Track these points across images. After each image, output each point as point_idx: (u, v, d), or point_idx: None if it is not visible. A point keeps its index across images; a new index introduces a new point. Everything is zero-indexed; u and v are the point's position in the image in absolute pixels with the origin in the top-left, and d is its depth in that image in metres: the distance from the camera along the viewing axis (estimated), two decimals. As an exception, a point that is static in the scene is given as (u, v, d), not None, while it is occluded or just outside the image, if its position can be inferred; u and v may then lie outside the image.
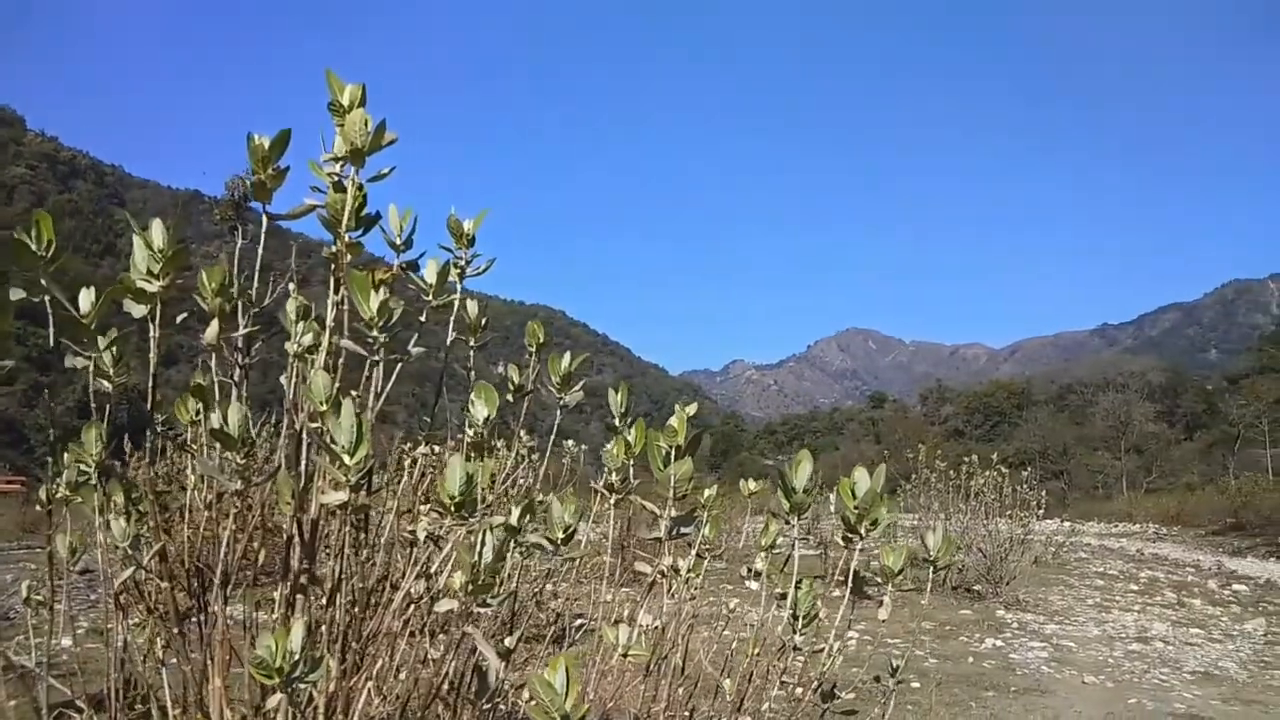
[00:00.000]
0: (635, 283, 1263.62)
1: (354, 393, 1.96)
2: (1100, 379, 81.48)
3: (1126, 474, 57.30)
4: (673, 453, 1.62)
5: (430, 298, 1.89)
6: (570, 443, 6.15)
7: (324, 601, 1.54)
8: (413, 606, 1.57)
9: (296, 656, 1.24)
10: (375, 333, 1.49)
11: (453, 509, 1.39)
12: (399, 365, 1.76)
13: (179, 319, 1.81)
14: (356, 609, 1.54)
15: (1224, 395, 65.60)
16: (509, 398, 2.28)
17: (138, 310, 1.56)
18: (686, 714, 2.31)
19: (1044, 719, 5.29)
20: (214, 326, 1.81)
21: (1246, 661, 7.89)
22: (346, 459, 1.28)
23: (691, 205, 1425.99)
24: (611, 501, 2.15)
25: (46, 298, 1.54)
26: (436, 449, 2.08)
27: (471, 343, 2.25)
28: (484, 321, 2.23)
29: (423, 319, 1.95)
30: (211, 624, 1.65)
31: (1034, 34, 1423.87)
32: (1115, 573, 16.42)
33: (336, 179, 1.54)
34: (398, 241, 1.93)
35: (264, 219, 1.87)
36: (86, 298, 1.62)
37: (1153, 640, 8.74)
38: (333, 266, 1.54)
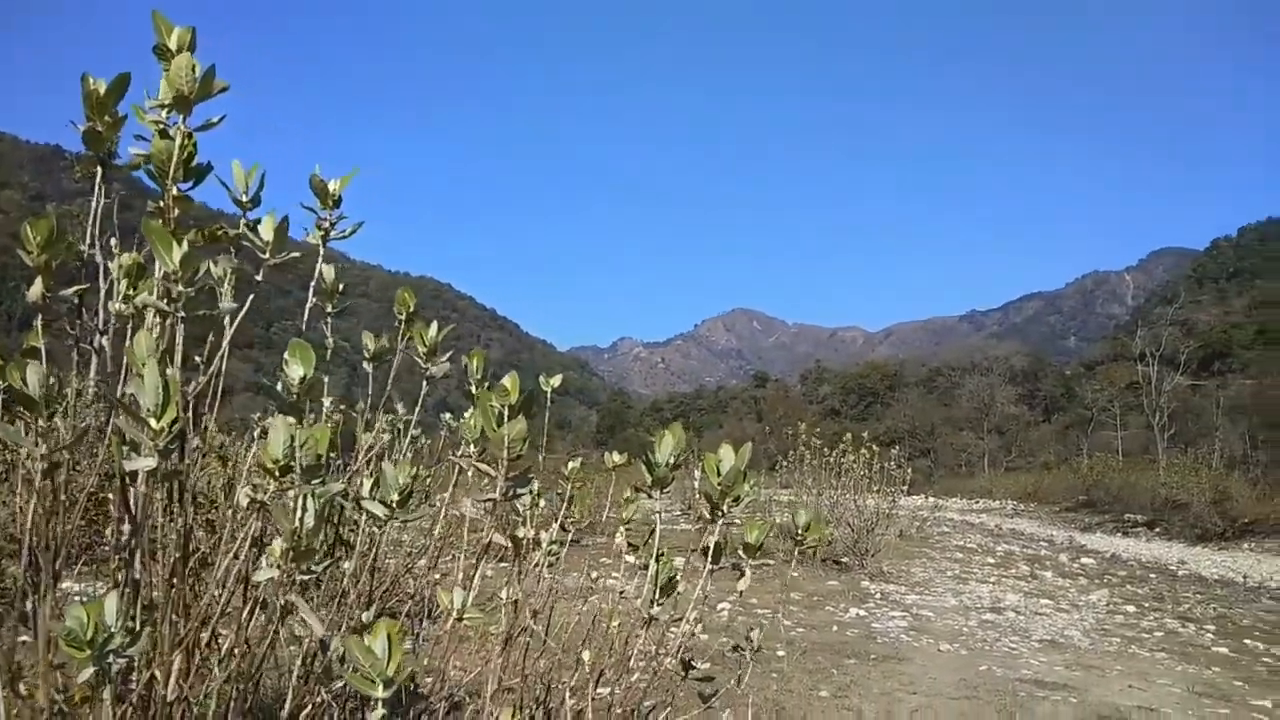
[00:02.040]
0: (525, 258, 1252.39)
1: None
2: (967, 362, 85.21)
3: (988, 453, 60.15)
4: (505, 412, 1.59)
5: (267, 255, 1.79)
6: (449, 415, 6.04)
7: (150, 574, 1.46)
8: (234, 577, 1.50)
9: (111, 629, 1.17)
10: (180, 288, 1.39)
11: (277, 473, 1.33)
12: (226, 329, 1.67)
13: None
14: (175, 580, 1.46)
15: (1081, 380, 69.64)
16: (367, 366, 2.21)
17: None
18: (544, 686, 2.30)
19: (900, 685, 5.52)
20: (38, 284, 1.68)
21: (1089, 630, 8.44)
22: (153, 422, 1.20)
23: (584, 182, 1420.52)
24: (470, 473, 2.11)
25: None
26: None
27: (329, 308, 2.16)
28: (341, 286, 2.14)
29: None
30: (40, 599, 1.54)
31: (913, 27, 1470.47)
32: (974, 546, 17.27)
33: (162, 127, 1.44)
34: (243, 198, 1.84)
35: (99, 170, 1.74)
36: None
37: (1005, 610, 9.24)
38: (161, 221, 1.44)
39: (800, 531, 2.30)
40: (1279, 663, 7.36)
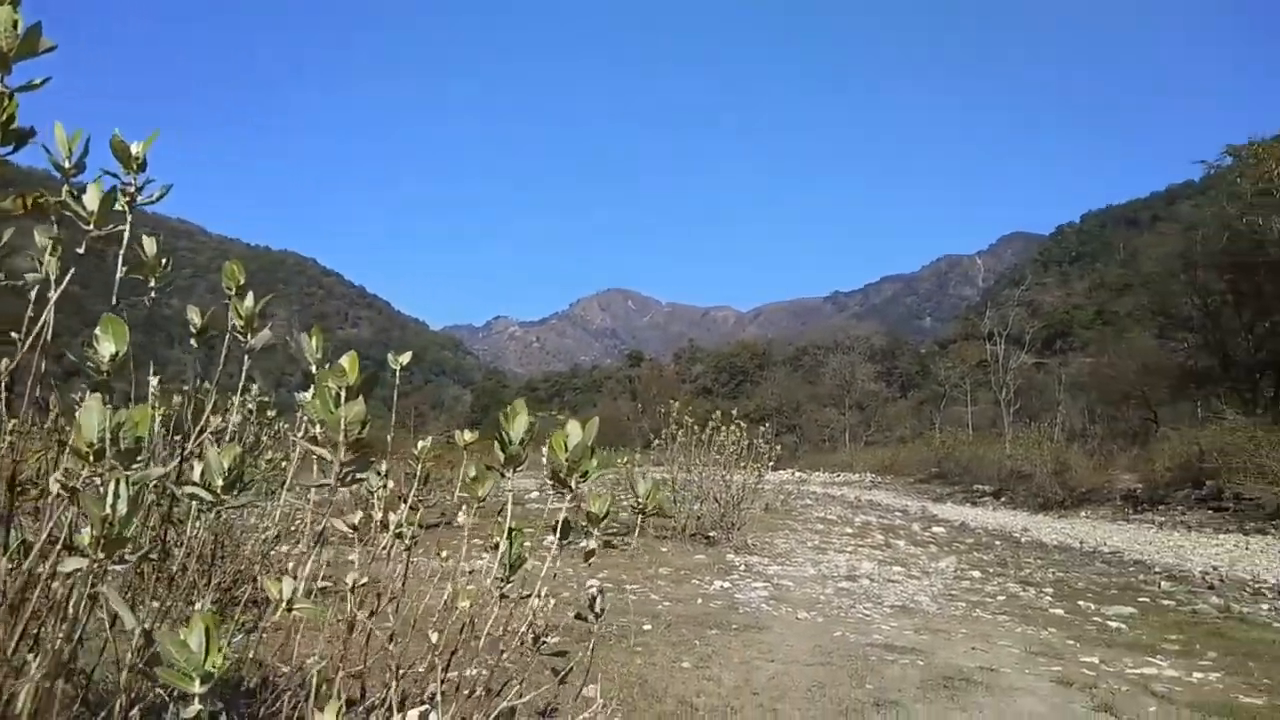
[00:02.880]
0: (399, 236, 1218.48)
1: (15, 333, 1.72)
2: (830, 342, 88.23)
3: (850, 428, 62.53)
4: (343, 394, 1.54)
5: (91, 226, 1.69)
6: (305, 395, 5.84)
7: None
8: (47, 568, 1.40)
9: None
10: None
11: (90, 457, 1.25)
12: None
13: None
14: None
15: (935, 358, 73.44)
16: (193, 342, 2.10)
17: None
18: (393, 667, 2.26)
19: (759, 653, 5.70)
20: None
21: (937, 595, 8.92)
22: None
23: (458, 160, 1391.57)
24: (315, 456, 2.04)
25: None
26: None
27: (151, 283, 2.04)
28: (166, 261, 2.02)
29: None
30: None
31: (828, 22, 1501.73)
32: (834, 518, 17.96)
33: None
34: (66, 164, 1.72)
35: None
36: None
37: (860, 579, 9.65)
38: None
39: (641, 501, 2.33)
40: (1107, 622, 7.96)
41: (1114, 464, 26.18)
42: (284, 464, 4.04)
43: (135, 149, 1.76)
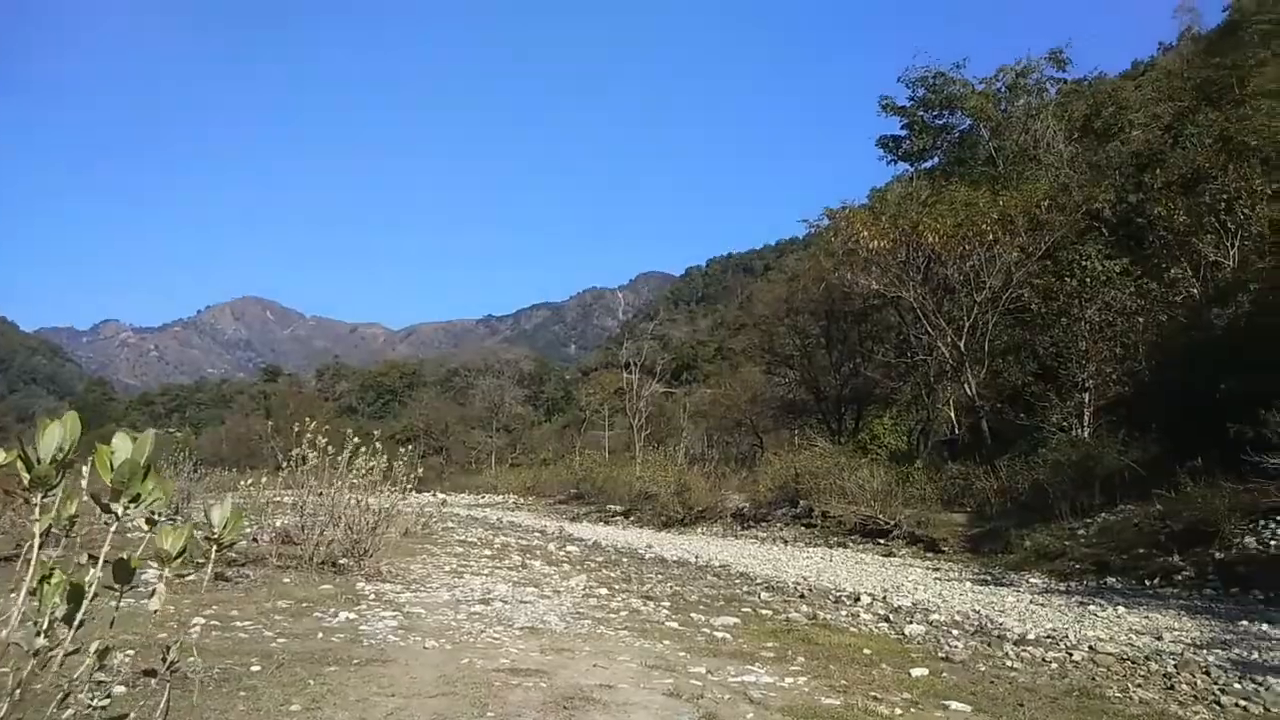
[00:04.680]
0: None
1: None
2: (482, 364, 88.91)
3: (496, 450, 63.25)
4: None
5: None
6: None
7: None
8: None
9: None
10: None
11: None
12: None
13: None
14: None
15: (578, 384, 76.89)
16: None
17: None
18: None
19: (379, 689, 5.37)
20: None
21: (566, 614, 9.08)
22: None
23: (63, 144, 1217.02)
24: None
25: None
26: None
27: None
28: None
29: None
30: None
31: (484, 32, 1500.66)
32: (475, 540, 17.85)
33: None
34: None
35: None
36: None
37: (494, 601, 9.58)
38: None
39: (215, 530, 2.02)
40: (714, 632, 8.57)
41: (727, 484, 28.73)
42: None
43: None
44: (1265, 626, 9.35)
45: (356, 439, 12.37)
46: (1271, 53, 28.88)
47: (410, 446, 14.11)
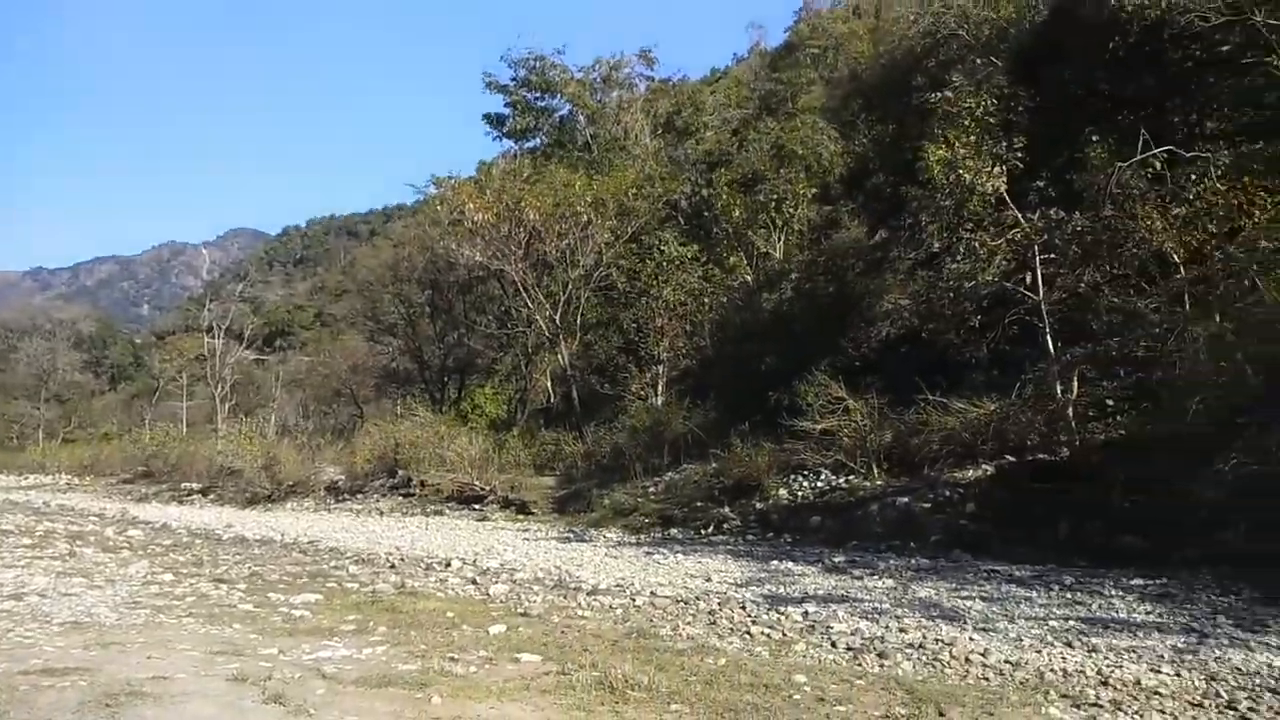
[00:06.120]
0: None
1: None
2: (29, 324, 76.30)
3: (45, 424, 55.09)
4: None
5: None
6: None
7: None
8: None
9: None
10: None
11: None
12: None
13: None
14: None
15: (151, 349, 68.80)
16: None
17: None
18: None
19: None
20: None
21: (119, 605, 8.17)
22: None
23: None
24: None
25: None
26: None
27: None
28: None
29: None
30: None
31: None
32: (12, 527, 15.53)
33: None
34: None
35: None
36: None
37: (29, 596, 8.40)
38: None
39: None
40: (293, 611, 8.21)
41: (321, 457, 27.64)
42: None
43: None
44: (790, 565, 11.02)
45: None
46: (819, 75, 33.89)
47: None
